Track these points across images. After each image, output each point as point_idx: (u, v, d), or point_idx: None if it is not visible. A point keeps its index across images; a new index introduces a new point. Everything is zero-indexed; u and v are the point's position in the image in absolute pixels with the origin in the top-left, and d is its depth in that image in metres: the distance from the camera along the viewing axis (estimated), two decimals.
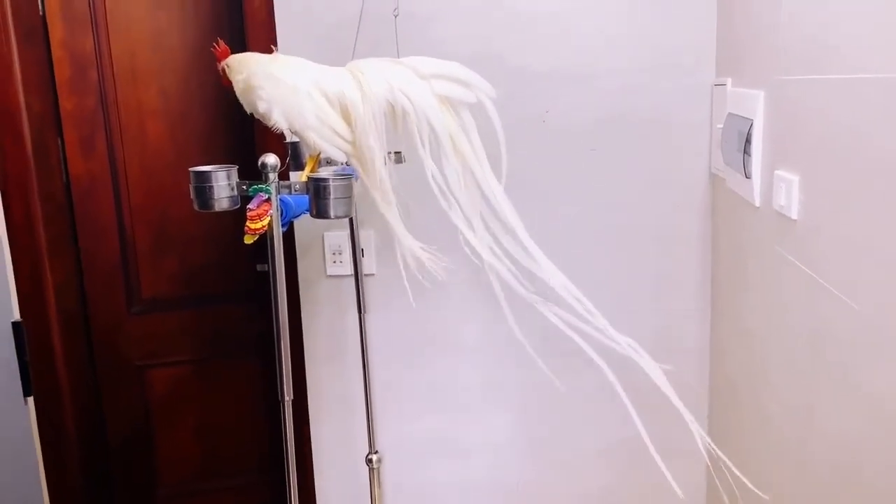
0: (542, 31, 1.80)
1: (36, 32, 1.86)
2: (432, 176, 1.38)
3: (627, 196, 1.86)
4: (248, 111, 1.37)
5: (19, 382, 1.81)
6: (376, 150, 1.35)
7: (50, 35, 1.87)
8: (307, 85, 1.32)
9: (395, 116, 1.37)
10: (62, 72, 1.90)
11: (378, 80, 1.33)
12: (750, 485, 1.37)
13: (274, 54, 1.37)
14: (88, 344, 2.04)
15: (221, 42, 1.37)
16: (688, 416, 1.43)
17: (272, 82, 1.32)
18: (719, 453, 1.41)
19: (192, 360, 2.12)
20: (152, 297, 2.07)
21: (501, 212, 1.41)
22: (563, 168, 1.86)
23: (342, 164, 1.48)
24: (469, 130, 1.39)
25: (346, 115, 1.35)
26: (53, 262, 1.93)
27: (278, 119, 1.32)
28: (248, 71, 1.32)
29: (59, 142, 1.93)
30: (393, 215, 1.38)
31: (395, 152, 1.56)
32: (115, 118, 1.95)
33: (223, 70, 1.37)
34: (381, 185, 1.37)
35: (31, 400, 1.89)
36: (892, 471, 0.99)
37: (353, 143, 1.36)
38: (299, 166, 1.64)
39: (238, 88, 1.34)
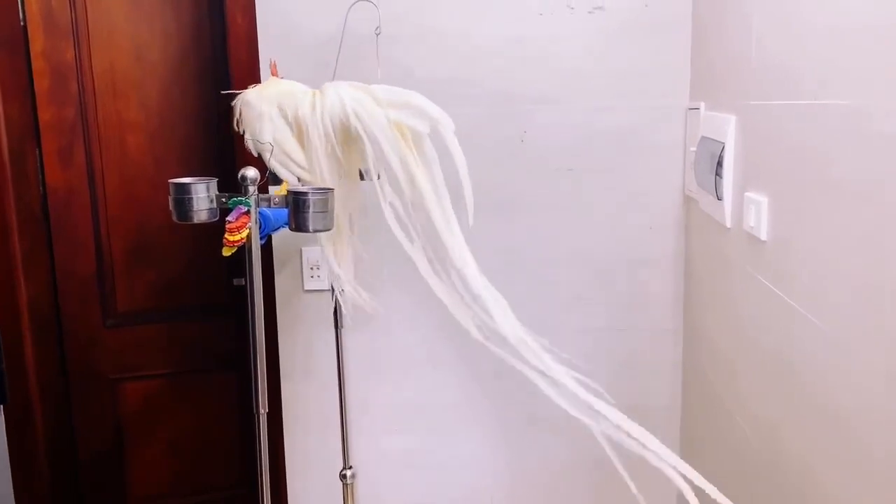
0: (522, 53, 1.83)
1: (16, 42, 1.85)
2: (389, 203, 1.41)
3: (602, 216, 1.89)
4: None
5: None
6: (325, 171, 1.40)
7: (30, 45, 1.87)
8: (270, 109, 1.39)
9: (348, 140, 1.40)
10: (42, 82, 1.89)
11: (334, 102, 1.37)
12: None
13: (271, 80, 1.44)
14: (62, 356, 2.02)
15: (275, 63, 1.47)
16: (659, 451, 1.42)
17: (245, 105, 1.41)
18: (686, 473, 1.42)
19: (166, 374, 2.10)
20: (128, 310, 2.05)
21: (452, 252, 1.41)
22: (539, 188, 1.88)
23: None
24: (430, 162, 1.41)
25: (301, 136, 1.39)
26: (28, 272, 1.92)
27: (248, 141, 1.42)
28: (242, 94, 1.41)
29: (37, 152, 1.92)
30: (343, 235, 1.43)
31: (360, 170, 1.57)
32: (94, 130, 1.95)
33: None
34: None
35: (1, 408, 1.87)
36: (857, 484, 1.01)
37: (307, 169, 1.41)
38: (278, 180, 1.65)
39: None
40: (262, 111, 1.38)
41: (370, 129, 1.38)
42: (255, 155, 1.46)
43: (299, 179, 1.46)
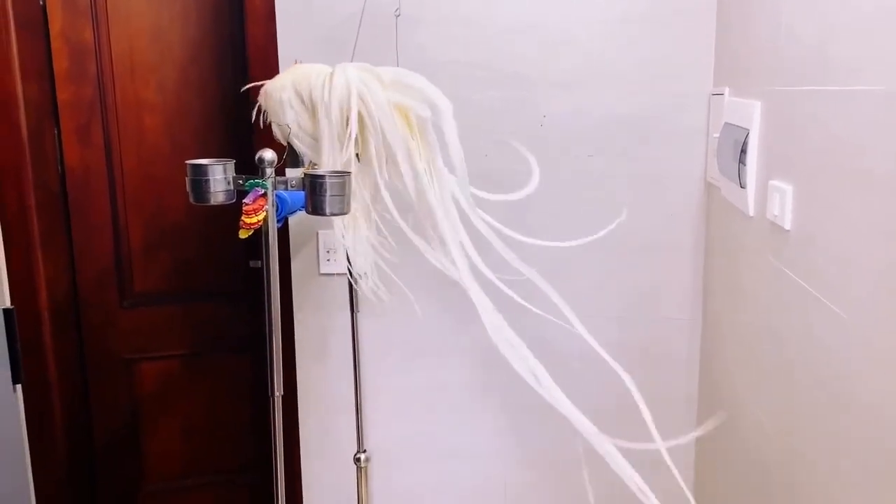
0: (542, 37, 1.80)
1: (35, 22, 1.85)
2: (384, 187, 1.42)
3: (622, 203, 1.87)
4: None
5: (9, 369, 1.80)
6: (328, 153, 1.41)
7: (49, 25, 1.87)
8: (288, 94, 1.40)
9: (350, 120, 1.40)
10: (60, 62, 1.89)
11: (341, 84, 1.38)
12: None
13: (290, 68, 1.46)
14: (78, 335, 2.03)
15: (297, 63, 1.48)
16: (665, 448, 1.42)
17: (265, 97, 1.43)
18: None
19: (181, 355, 2.11)
20: (144, 291, 2.06)
21: (443, 237, 1.42)
22: (558, 173, 1.86)
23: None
24: (432, 147, 1.42)
25: (316, 115, 1.41)
26: (46, 251, 1.93)
27: (274, 130, 1.45)
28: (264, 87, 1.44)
29: (56, 132, 1.92)
30: (359, 213, 1.44)
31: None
32: (112, 110, 1.95)
33: None
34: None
35: (19, 388, 1.88)
36: (882, 478, 0.99)
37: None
38: (296, 163, 1.64)
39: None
40: (282, 98, 1.40)
41: (373, 112, 1.38)
42: (285, 143, 1.46)
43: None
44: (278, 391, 1.38)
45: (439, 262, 1.42)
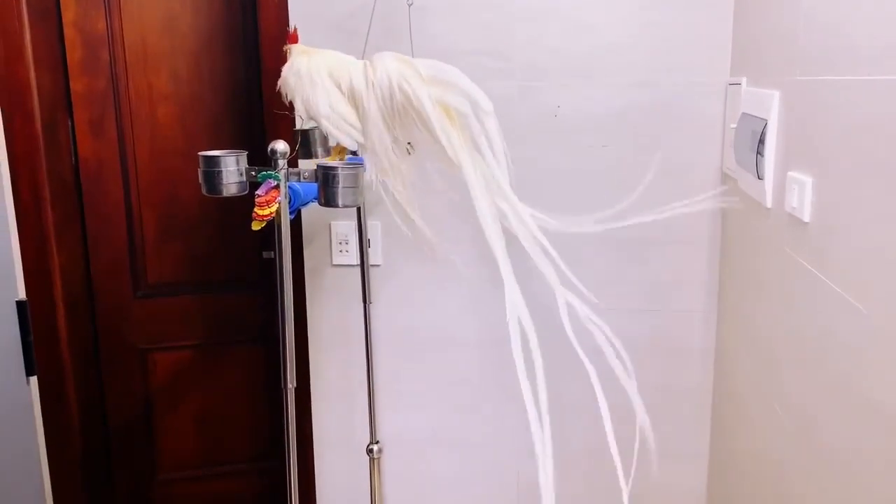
0: (556, 26, 1.78)
1: (49, 12, 1.85)
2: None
3: (637, 194, 1.85)
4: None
5: (22, 361, 1.82)
6: (376, 138, 1.42)
7: (62, 15, 1.87)
8: (323, 78, 1.41)
9: (394, 112, 1.41)
10: (73, 52, 1.89)
11: (382, 76, 1.40)
12: None
13: (315, 50, 1.46)
14: (93, 326, 2.05)
15: (296, 29, 1.48)
16: None
17: (296, 75, 1.43)
18: None
19: (195, 346, 2.12)
20: (158, 282, 2.07)
21: (489, 243, 1.44)
22: (573, 164, 1.85)
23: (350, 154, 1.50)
24: (478, 140, 1.43)
25: (357, 105, 1.42)
26: (60, 242, 1.93)
27: (299, 107, 1.43)
28: (289, 63, 1.44)
29: (69, 122, 1.92)
30: (405, 199, 1.46)
31: (407, 143, 1.57)
32: (125, 101, 1.95)
33: (286, 52, 1.47)
34: (390, 171, 1.43)
35: (33, 380, 1.90)
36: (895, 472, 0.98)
37: (360, 131, 1.43)
38: (308, 154, 1.63)
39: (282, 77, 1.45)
40: (315, 80, 1.41)
41: (417, 106, 1.39)
42: (307, 118, 1.46)
43: (357, 150, 1.49)
44: (291, 383, 1.38)
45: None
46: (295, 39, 1.47)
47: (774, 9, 1.46)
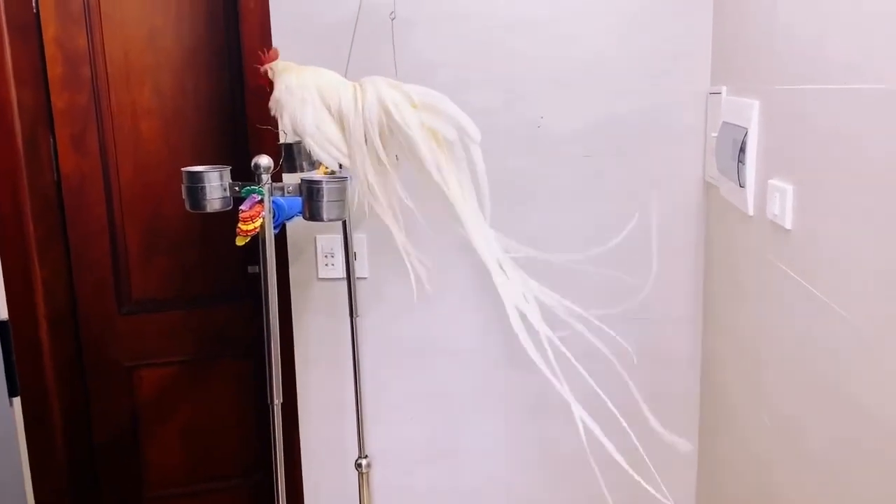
0: (538, 37, 1.79)
1: (29, 28, 1.84)
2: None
3: (621, 203, 1.86)
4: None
5: (4, 382, 1.79)
6: (360, 163, 1.43)
7: (43, 31, 1.86)
8: (313, 96, 1.43)
9: (384, 134, 1.44)
10: (55, 68, 1.88)
11: (373, 101, 1.42)
12: None
13: (304, 67, 1.48)
14: (77, 343, 2.03)
15: (275, 49, 1.50)
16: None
17: (287, 92, 1.45)
18: None
19: (181, 362, 2.10)
20: (142, 298, 2.05)
21: (479, 252, 1.47)
22: (557, 174, 1.86)
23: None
24: (458, 163, 1.46)
25: (343, 126, 1.44)
26: (42, 259, 1.92)
27: (285, 123, 1.44)
28: (279, 80, 1.46)
29: (51, 138, 1.91)
30: (388, 216, 1.47)
31: (395, 155, 1.58)
32: (107, 116, 1.94)
33: (266, 72, 1.48)
34: (369, 191, 1.45)
35: (16, 401, 1.87)
36: (882, 479, 0.98)
37: (346, 154, 1.45)
38: (292, 168, 1.63)
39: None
40: (304, 97, 1.43)
41: (406, 132, 1.41)
42: (291, 134, 1.47)
43: (340, 166, 1.51)
44: (278, 399, 1.37)
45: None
46: (272, 58, 1.48)
47: (752, 20, 1.48)
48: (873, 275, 0.99)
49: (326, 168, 1.52)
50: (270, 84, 1.46)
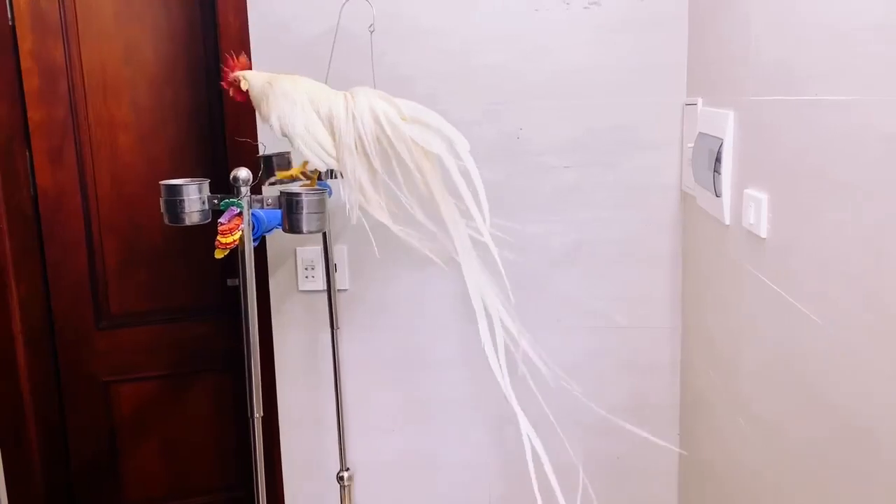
0: (517, 50, 1.81)
1: (4, 41, 1.83)
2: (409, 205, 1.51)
3: (599, 213, 1.88)
4: (259, 114, 1.50)
5: None
6: (350, 168, 1.44)
7: (19, 44, 1.85)
8: (302, 99, 1.45)
9: (371, 145, 1.46)
10: (31, 82, 1.87)
11: (365, 112, 1.44)
12: None
13: (292, 75, 1.50)
14: (54, 359, 2.00)
15: (244, 56, 1.51)
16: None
17: (279, 94, 1.46)
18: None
19: (160, 376, 2.08)
20: (121, 312, 2.03)
21: (463, 262, 1.50)
22: (536, 185, 1.87)
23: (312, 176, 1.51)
24: (455, 177, 1.49)
25: (333, 132, 1.45)
26: (18, 273, 1.90)
27: (274, 123, 1.44)
28: (269, 82, 1.47)
29: (27, 152, 1.89)
30: (381, 214, 1.49)
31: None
32: (85, 130, 1.93)
33: (235, 80, 1.48)
34: (361, 193, 1.46)
35: None
36: (857, 482, 1.00)
37: (335, 157, 1.46)
38: (271, 177, 1.63)
39: (255, 93, 1.47)
40: (297, 100, 1.45)
41: (395, 142, 1.44)
42: (280, 136, 1.47)
43: (331, 174, 1.54)
44: (258, 412, 1.37)
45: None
46: (242, 66, 1.48)
47: (727, 31, 1.50)
48: (847, 282, 1.01)
49: (306, 171, 1.52)
50: (238, 91, 1.47)
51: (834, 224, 1.04)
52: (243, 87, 1.46)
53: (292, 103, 1.44)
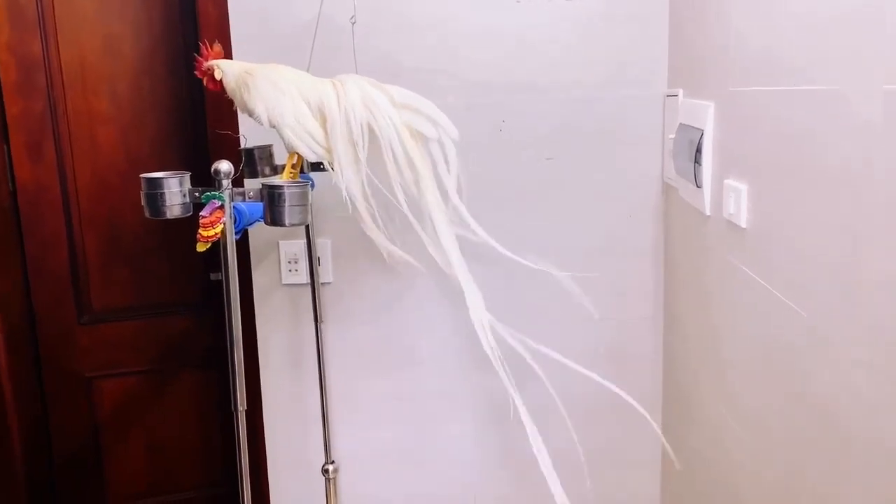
0: (500, 42, 1.81)
1: None
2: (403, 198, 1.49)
3: (581, 205, 1.89)
4: (236, 105, 1.46)
5: None
6: (342, 155, 1.43)
7: None
8: (290, 88, 1.43)
9: (361, 131, 1.45)
10: (8, 75, 1.85)
11: (354, 94, 1.43)
12: None
13: (271, 64, 1.47)
14: (35, 355, 1.98)
15: (218, 45, 1.47)
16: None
17: (264, 83, 1.43)
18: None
19: (143, 371, 2.07)
20: (103, 307, 2.02)
21: (446, 250, 1.50)
22: (518, 177, 1.87)
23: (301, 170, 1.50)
24: (433, 161, 1.50)
25: (323, 121, 1.44)
26: None
27: (261, 114, 1.41)
28: (247, 71, 1.43)
29: (5, 147, 1.87)
30: (365, 215, 1.48)
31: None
32: (64, 124, 1.91)
33: (209, 69, 1.44)
34: (349, 187, 1.45)
35: None
36: (839, 472, 1.01)
37: (326, 148, 1.45)
38: (254, 173, 1.62)
39: (230, 82, 1.43)
40: (285, 90, 1.43)
41: (385, 130, 1.44)
42: (268, 126, 1.45)
43: (321, 165, 1.51)
44: (241, 406, 1.36)
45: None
46: (217, 55, 1.46)
47: (707, 24, 1.51)
48: (827, 272, 1.02)
49: (290, 168, 1.51)
50: (211, 80, 1.45)
51: (813, 213, 1.05)
52: (217, 76, 1.44)
53: (280, 93, 1.42)
